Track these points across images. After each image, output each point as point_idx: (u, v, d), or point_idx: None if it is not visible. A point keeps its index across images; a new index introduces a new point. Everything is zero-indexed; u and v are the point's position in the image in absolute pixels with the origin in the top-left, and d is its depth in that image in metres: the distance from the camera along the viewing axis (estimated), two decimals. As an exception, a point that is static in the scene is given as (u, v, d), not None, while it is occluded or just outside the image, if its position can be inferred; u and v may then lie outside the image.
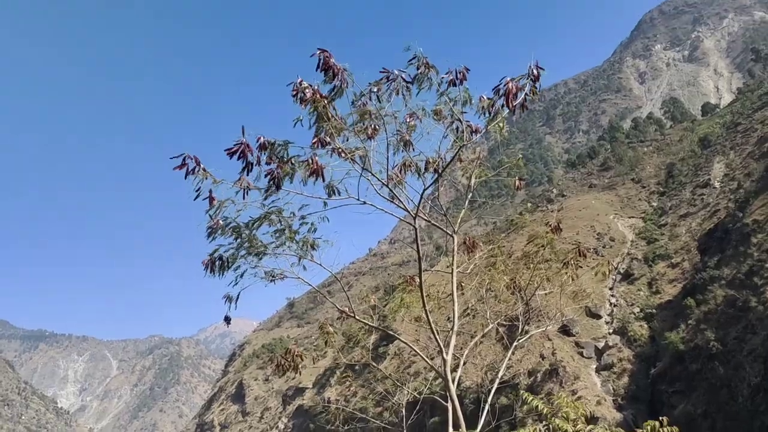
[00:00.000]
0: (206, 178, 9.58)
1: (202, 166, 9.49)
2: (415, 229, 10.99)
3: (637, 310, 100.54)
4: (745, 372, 68.63)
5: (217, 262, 10.43)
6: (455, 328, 12.49)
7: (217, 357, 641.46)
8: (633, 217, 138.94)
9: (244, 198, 9.81)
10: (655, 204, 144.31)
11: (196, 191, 9.55)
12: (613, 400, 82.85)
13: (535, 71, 9.34)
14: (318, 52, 9.37)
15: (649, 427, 8.67)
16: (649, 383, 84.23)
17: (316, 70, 9.51)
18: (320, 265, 11.52)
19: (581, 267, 13.67)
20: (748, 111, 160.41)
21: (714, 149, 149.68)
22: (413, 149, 10.65)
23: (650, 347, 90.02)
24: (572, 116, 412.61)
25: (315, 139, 10.05)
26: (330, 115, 9.84)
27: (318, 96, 9.61)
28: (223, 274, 10.50)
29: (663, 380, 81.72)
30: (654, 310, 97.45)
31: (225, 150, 9.25)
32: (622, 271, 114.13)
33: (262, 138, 9.63)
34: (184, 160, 9.42)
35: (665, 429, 8.59)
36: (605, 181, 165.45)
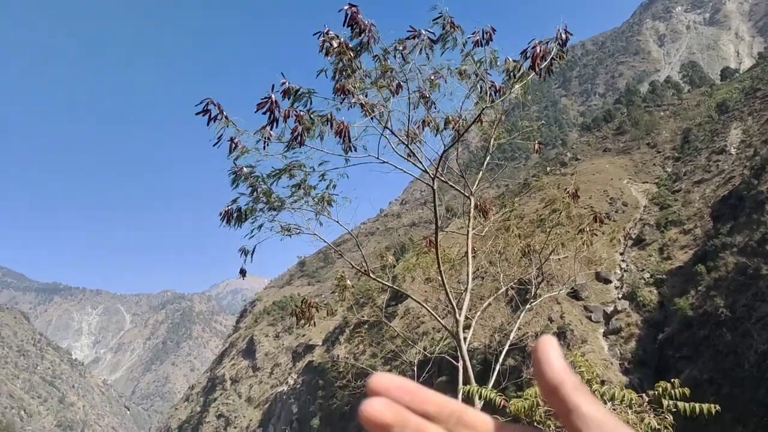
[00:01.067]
0: (228, 126, 9.55)
1: (224, 113, 9.44)
2: (433, 190, 10.96)
3: (647, 275, 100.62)
4: (752, 339, 68.93)
5: (234, 213, 10.43)
6: (469, 288, 12.56)
7: (229, 313, 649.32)
8: (647, 182, 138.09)
9: (264, 148, 9.78)
10: (669, 169, 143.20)
11: (218, 138, 9.50)
12: (620, 364, 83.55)
13: (563, 35, 9.20)
14: (347, 6, 9.24)
15: (660, 389, 8.77)
16: (656, 348, 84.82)
17: (344, 25, 9.39)
18: (337, 222, 11.54)
19: (596, 234, 13.66)
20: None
21: (731, 115, 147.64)
22: (435, 107, 10.57)
23: (659, 313, 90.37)
24: (589, 78, 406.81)
25: (338, 86, 9.93)
26: (355, 68, 9.74)
27: (345, 47, 9.50)
28: (240, 226, 10.50)
29: (670, 345, 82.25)
30: (664, 276, 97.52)
31: (256, 104, 9.19)
32: (633, 236, 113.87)
33: (287, 83, 9.51)
34: (206, 106, 9.35)
35: (677, 390, 8.69)
36: (620, 145, 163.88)
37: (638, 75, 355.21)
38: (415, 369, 16.48)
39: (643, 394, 8.73)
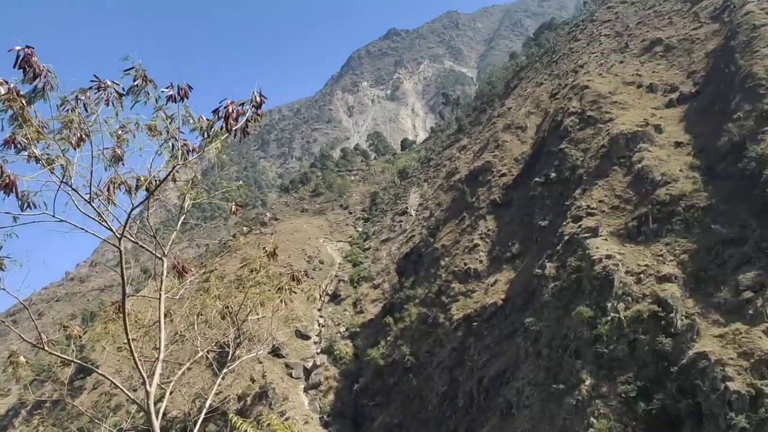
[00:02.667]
0: None
1: None
2: (120, 252, 10.15)
3: (343, 329, 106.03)
4: (434, 382, 76.25)
5: None
6: (161, 357, 11.79)
7: None
8: (341, 241, 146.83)
9: None
10: (360, 229, 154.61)
11: None
12: (320, 418, 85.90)
13: (258, 98, 9.31)
14: (19, 47, 8.21)
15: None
16: (352, 399, 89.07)
17: (14, 67, 8.31)
18: (4, 290, 10.01)
19: (295, 292, 13.91)
20: (439, 148, 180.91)
21: (411, 180, 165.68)
22: (123, 164, 9.85)
23: (354, 364, 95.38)
24: (286, 142, 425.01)
25: (8, 138, 8.69)
26: (28, 117, 8.64)
27: (15, 95, 8.39)
28: None
29: (365, 394, 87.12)
30: (358, 329, 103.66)
31: None
32: (330, 292, 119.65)
33: None
34: None
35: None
36: (316, 206, 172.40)
37: (331, 141, 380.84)
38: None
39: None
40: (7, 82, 8.53)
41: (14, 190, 8.46)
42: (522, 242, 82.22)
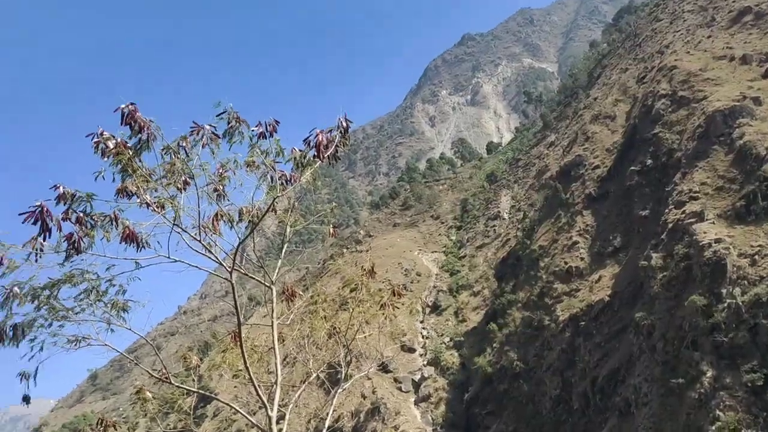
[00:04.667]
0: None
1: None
2: (232, 285, 10.66)
3: (447, 339, 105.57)
4: (546, 386, 74.57)
5: (9, 331, 9.21)
6: (279, 382, 12.22)
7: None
8: (435, 251, 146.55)
9: (36, 260, 8.85)
10: (453, 238, 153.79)
11: None
12: (433, 430, 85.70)
13: (344, 123, 9.67)
14: (124, 105, 8.89)
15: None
16: (464, 408, 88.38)
17: (121, 124, 8.99)
18: (130, 329, 10.71)
19: (397, 307, 14.10)
20: (526, 147, 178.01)
21: (500, 183, 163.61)
22: (227, 199, 10.41)
23: (462, 374, 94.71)
24: (372, 160, 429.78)
25: (120, 187, 9.38)
26: (136, 167, 9.30)
27: (122, 147, 9.06)
28: (17, 344, 9.28)
29: (476, 403, 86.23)
30: (462, 338, 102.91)
31: (23, 215, 8.35)
32: (430, 303, 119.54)
33: (62, 187, 8.79)
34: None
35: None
36: (407, 219, 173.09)
37: (416, 153, 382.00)
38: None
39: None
40: (114, 137, 9.21)
41: (135, 240, 9.10)
42: (623, 235, 79.44)
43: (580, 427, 66.59)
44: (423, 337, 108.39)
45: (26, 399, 10.09)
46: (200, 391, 13.88)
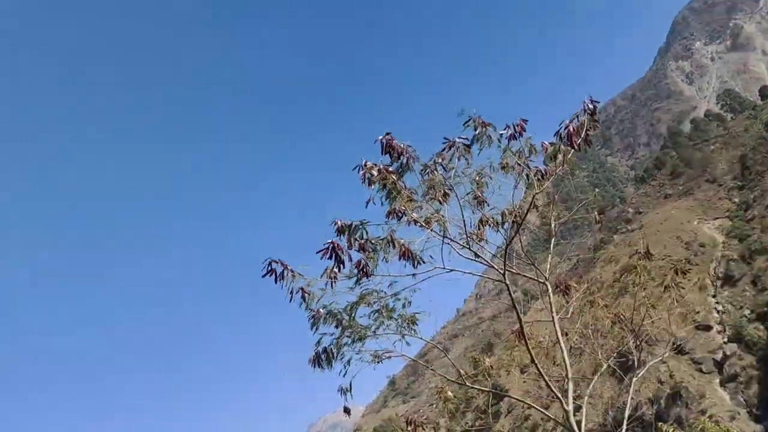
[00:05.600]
0: (295, 278, 9.81)
1: (290, 268, 9.75)
2: (507, 286, 10.92)
3: (747, 312, 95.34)
4: None
5: (323, 355, 10.55)
6: (569, 375, 12.19)
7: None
8: (718, 218, 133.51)
9: (332, 287, 9.98)
10: (737, 200, 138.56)
11: (290, 293, 9.78)
12: (748, 412, 77.95)
13: (590, 105, 9.45)
14: (382, 137, 9.76)
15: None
16: (783, 387, 78.97)
17: (381, 154, 9.86)
18: (422, 339, 11.54)
19: (683, 287, 13.26)
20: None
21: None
22: (487, 204, 10.79)
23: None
24: (629, 132, 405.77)
25: (390, 209, 10.25)
26: (400, 188, 10.09)
27: (386, 173, 9.91)
28: (331, 366, 10.58)
29: (797, 381, 76.54)
30: (766, 308, 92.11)
31: (319, 252, 9.55)
32: (720, 275, 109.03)
33: (339, 222, 9.86)
34: (270, 265, 9.68)
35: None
36: (679, 188, 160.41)
37: (676, 117, 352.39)
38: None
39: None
40: (376, 165, 10.09)
41: (411, 256, 9.89)
42: None
43: None
44: (718, 312, 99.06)
45: (347, 410, 11.44)
46: (493, 390, 14.36)
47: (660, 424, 11.83)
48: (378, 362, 11.16)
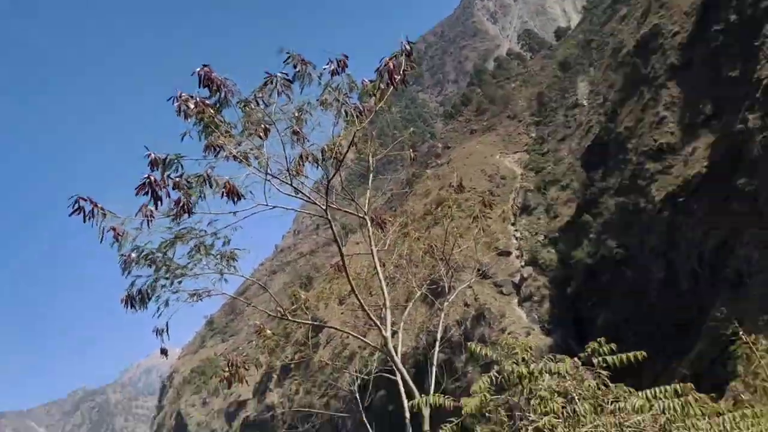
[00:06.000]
0: (106, 217, 9.21)
1: (99, 206, 9.10)
2: (329, 222, 11.08)
3: (541, 237, 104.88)
4: (650, 271, 73.39)
5: (137, 296, 10.10)
6: (387, 304, 12.75)
7: (148, 394, 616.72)
8: (517, 152, 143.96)
9: (149, 226, 9.51)
10: (534, 135, 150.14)
11: (101, 233, 9.18)
12: (541, 328, 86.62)
13: (407, 46, 9.69)
14: (199, 68, 9.27)
15: (590, 349, 9.25)
16: (569, 303, 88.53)
17: (199, 87, 9.39)
18: (242, 276, 11.43)
19: (489, 218, 14.27)
20: (597, 27, 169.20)
21: (575, 70, 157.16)
22: (308, 141, 10.74)
23: (561, 270, 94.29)
24: (438, 69, 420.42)
25: (207, 144, 9.88)
26: (219, 122, 9.74)
27: (203, 105, 9.50)
28: (146, 307, 10.19)
29: (580, 297, 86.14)
30: (557, 234, 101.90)
31: (135, 189, 8.99)
32: (519, 205, 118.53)
33: (152, 154, 9.32)
34: (77, 202, 8.98)
35: (604, 348, 9.18)
36: (484, 123, 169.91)
37: (482, 54, 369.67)
38: (357, 396, 16.50)
39: (575, 359, 9.18)
40: (193, 97, 9.61)
41: (236, 193, 9.65)
42: (714, 101, 75.00)
43: (693, 307, 65.49)
44: (517, 239, 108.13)
45: (164, 351, 11.11)
46: (313, 323, 14.69)
47: (468, 343, 12.83)
48: (197, 300, 10.92)
